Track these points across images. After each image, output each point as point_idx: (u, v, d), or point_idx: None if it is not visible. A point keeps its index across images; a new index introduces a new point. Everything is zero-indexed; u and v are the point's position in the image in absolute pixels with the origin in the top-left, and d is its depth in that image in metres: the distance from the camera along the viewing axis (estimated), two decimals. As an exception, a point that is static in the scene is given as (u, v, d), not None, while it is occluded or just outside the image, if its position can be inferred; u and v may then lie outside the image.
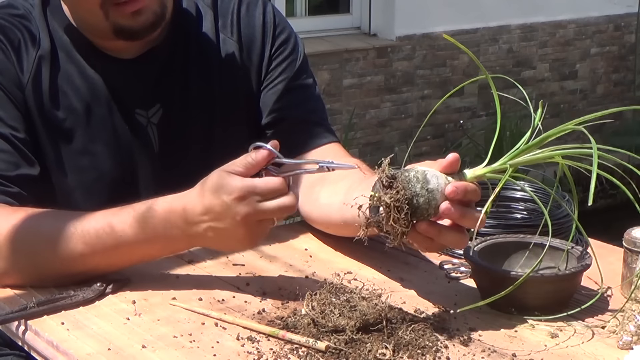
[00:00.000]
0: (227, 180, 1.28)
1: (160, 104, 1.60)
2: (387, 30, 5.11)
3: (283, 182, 1.29)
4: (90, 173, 1.58)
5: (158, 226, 1.34)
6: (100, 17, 1.50)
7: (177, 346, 1.21)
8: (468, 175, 1.25)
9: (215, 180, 1.30)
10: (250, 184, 1.28)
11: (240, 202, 1.27)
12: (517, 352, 1.19)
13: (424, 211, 1.20)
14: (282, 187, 1.28)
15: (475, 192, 1.23)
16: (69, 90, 1.56)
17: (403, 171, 1.21)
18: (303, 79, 1.68)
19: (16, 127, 1.52)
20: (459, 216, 1.22)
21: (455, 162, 1.24)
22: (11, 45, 1.54)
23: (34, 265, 1.39)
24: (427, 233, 1.22)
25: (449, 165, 1.24)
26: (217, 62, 1.64)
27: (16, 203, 1.46)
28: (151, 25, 1.53)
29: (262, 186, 1.28)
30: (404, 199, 1.19)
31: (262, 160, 1.29)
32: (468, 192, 1.22)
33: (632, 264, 1.34)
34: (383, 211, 1.20)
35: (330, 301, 1.22)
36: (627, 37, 6.08)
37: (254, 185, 1.28)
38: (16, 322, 1.30)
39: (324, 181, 1.53)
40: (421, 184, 1.20)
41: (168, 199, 1.35)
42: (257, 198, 1.27)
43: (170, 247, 1.39)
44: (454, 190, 1.21)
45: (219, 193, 1.28)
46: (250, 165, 1.29)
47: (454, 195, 1.21)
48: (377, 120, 5.13)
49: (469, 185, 1.22)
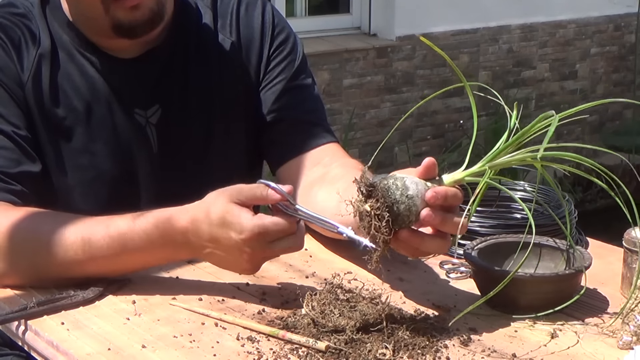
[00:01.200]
0: (237, 218, 1.27)
1: (159, 104, 1.60)
2: (387, 30, 5.11)
3: (293, 223, 1.28)
4: (89, 172, 1.58)
5: (157, 240, 1.34)
6: (100, 11, 1.50)
7: (177, 346, 1.21)
8: (446, 180, 1.24)
9: (223, 212, 1.28)
10: (261, 225, 1.26)
11: (249, 244, 1.27)
12: (517, 352, 1.19)
13: (405, 218, 1.20)
14: (291, 228, 1.28)
15: (455, 197, 1.22)
16: (69, 89, 1.56)
17: (382, 179, 1.21)
18: (302, 79, 1.68)
19: (17, 124, 1.52)
20: (440, 222, 1.21)
21: (432, 167, 1.24)
22: (12, 44, 1.54)
23: (34, 267, 1.39)
24: (408, 241, 1.22)
25: (425, 171, 1.23)
26: (216, 62, 1.64)
27: (19, 201, 1.46)
28: (148, 22, 1.53)
29: (272, 228, 1.26)
30: (384, 207, 1.19)
31: (273, 203, 1.28)
32: (448, 197, 1.21)
33: (632, 264, 1.34)
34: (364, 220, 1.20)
35: (330, 301, 1.22)
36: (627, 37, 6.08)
37: (265, 227, 1.26)
38: (16, 322, 1.30)
39: (323, 181, 1.53)
40: (401, 190, 1.20)
41: (170, 213, 1.34)
42: (266, 240, 1.27)
43: (170, 257, 1.40)
44: (434, 196, 1.20)
45: (228, 229, 1.27)
46: (259, 200, 1.29)
47: (434, 200, 1.20)
48: (377, 120, 5.12)
49: (449, 190, 1.22)
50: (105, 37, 1.56)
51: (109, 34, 1.54)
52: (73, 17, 1.58)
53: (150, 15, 1.52)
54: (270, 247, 1.28)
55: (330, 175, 1.54)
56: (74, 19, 1.58)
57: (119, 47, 1.58)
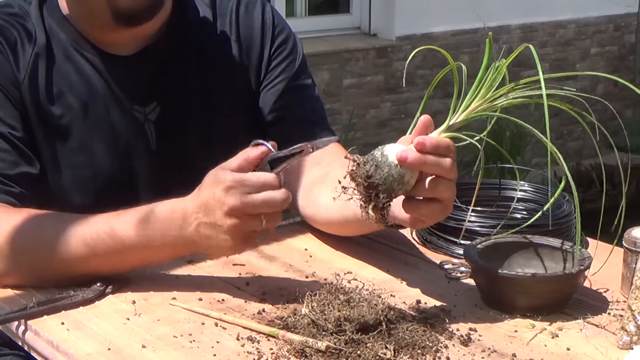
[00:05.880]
0: (219, 174, 1.29)
1: (158, 101, 1.60)
2: (387, 30, 5.11)
3: (275, 178, 1.28)
4: (86, 170, 1.58)
5: (158, 230, 1.34)
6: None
7: (177, 346, 1.21)
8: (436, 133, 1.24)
9: (210, 176, 1.31)
10: (241, 175, 1.28)
11: (228, 192, 1.27)
12: (517, 352, 1.19)
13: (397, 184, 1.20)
14: (273, 182, 1.28)
15: (447, 147, 1.21)
16: (65, 87, 1.56)
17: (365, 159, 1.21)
18: (302, 79, 1.68)
19: (14, 125, 1.52)
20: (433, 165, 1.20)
21: (429, 124, 1.23)
22: (7, 43, 1.54)
23: (35, 267, 1.39)
24: (405, 210, 1.23)
25: (422, 129, 1.23)
26: (215, 60, 1.64)
27: (18, 203, 1.46)
28: (148, 9, 1.53)
29: (252, 179, 1.27)
30: (374, 185, 1.19)
31: (257, 156, 1.29)
32: (440, 145, 1.21)
33: (632, 264, 1.34)
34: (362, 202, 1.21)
35: (330, 301, 1.22)
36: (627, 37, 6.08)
37: (244, 177, 1.27)
38: (16, 322, 1.30)
39: (324, 181, 1.53)
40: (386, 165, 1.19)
41: (169, 203, 1.35)
42: (246, 189, 1.27)
43: (170, 251, 1.39)
44: (420, 142, 1.20)
45: (212, 187, 1.29)
46: (245, 161, 1.29)
47: (422, 147, 1.20)
48: (377, 120, 5.12)
49: (441, 140, 1.21)
50: (104, 30, 1.56)
51: (109, 25, 1.54)
52: (71, 13, 1.58)
53: (150, 1, 1.52)
54: (250, 198, 1.26)
55: (332, 175, 1.54)
56: (71, 14, 1.58)
57: (117, 42, 1.58)
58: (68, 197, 1.56)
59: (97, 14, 1.54)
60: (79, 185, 1.57)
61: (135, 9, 1.52)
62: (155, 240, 1.35)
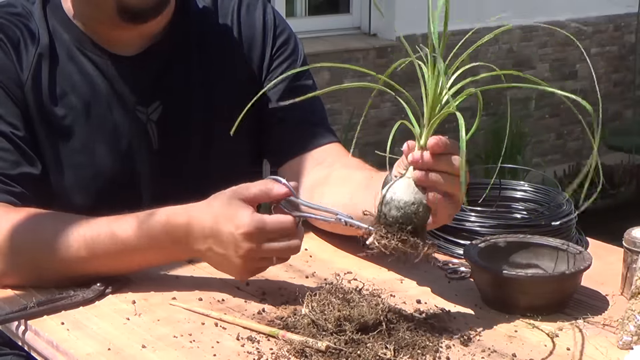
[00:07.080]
0: (239, 213, 1.28)
1: (160, 101, 1.60)
2: (387, 30, 5.11)
3: (293, 223, 1.29)
4: (88, 170, 1.58)
5: (160, 236, 1.34)
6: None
7: (177, 346, 1.21)
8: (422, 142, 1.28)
9: (226, 206, 1.29)
10: (261, 221, 1.27)
11: (247, 239, 1.27)
12: (517, 352, 1.19)
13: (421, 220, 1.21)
14: (291, 227, 1.28)
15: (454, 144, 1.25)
16: (68, 88, 1.56)
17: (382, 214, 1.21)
18: (303, 80, 1.68)
19: (16, 124, 1.52)
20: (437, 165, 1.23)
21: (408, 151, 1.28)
22: (10, 43, 1.54)
23: (34, 266, 1.39)
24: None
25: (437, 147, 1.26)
26: (217, 61, 1.64)
27: (19, 203, 1.46)
28: (155, 6, 1.54)
29: (271, 226, 1.27)
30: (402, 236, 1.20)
31: (278, 197, 1.30)
32: (448, 144, 1.25)
33: (632, 264, 1.34)
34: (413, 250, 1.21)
35: (330, 301, 1.22)
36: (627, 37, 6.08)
37: (264, 223, 1.27)
38: (16, 322, 1.30)
39: (326, 183, 1.53)
40: (402, 209, 1.20)
41: (172, 210, 1.35)
42: (264, 237, 1.28)
43: (171, 256, 1.40)
44: (436, 143, 1.25)
45: (228, 223, 1.28)
46: (265, 195, 1.30)
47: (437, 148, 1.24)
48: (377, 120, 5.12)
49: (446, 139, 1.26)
50: (109, 29, 1.56)
51: (114, 22, 1.54)
52: (76, 12, 1.58)
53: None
54: (267, 247, 1.28)
55: (334, 176, 1.54)
56: (76, 13, 1.58)
57: (122, 41, 1.58)
58: (70, 197, 1.56)
59: (104, 11, 1.54)
60: (81, 186, 1.57)
61: (143, 7, 1.52)
62: (156, 246, 1.35)
